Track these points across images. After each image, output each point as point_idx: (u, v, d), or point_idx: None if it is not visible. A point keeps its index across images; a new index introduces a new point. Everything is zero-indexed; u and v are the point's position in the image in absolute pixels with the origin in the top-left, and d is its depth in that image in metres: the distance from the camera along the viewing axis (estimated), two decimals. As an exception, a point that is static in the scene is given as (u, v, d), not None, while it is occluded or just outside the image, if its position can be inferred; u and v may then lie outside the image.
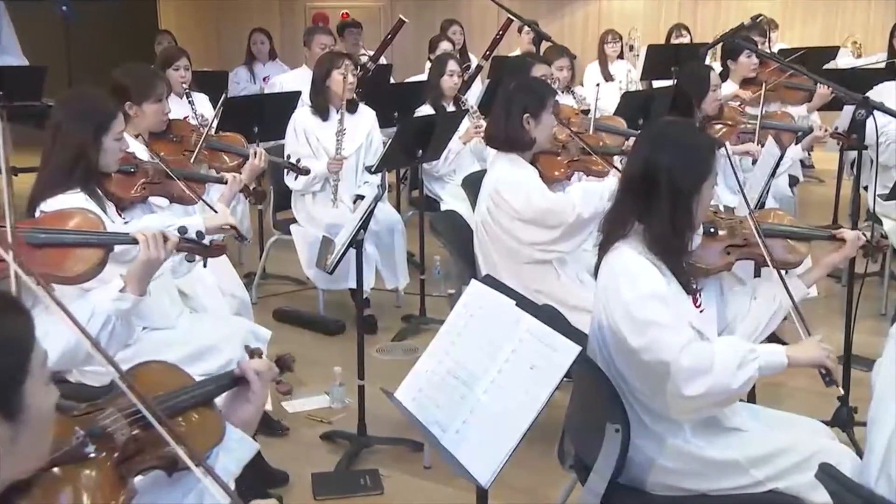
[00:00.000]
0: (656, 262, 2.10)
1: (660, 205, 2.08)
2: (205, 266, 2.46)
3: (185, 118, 4.17)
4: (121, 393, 1.49)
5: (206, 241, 2.36)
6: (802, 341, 2.16)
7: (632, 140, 3.61)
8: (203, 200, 2.95)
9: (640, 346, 2.02)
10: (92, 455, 1.43)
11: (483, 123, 4.69)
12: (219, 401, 1.78)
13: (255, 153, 3.45)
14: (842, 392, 2.09)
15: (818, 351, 2.10)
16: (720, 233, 2.39)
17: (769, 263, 2.31)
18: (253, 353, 1.90)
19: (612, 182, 3.17)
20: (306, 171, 3.96)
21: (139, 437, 1.50)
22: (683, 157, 2.10)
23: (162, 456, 1.51)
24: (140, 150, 3.09)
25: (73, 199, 2.47)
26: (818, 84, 4.64)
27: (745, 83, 4.80)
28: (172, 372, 1.74)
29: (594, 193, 3.08)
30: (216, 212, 2.85)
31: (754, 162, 3.85)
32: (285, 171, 4.11)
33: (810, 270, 2.46)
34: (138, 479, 1.55)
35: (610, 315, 2.10)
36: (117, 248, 2.27)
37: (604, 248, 2.19)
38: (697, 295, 2.22)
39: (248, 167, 3.40)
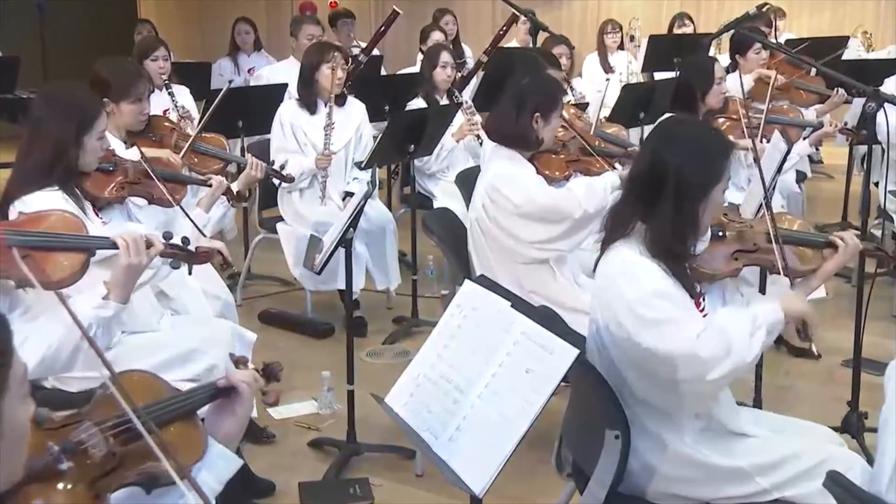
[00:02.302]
0: (656, 263, 2.04)
1: (664, 205, 2.02)
2: (189, 273, 2.43)
3: (165, 112, 4.10)
4: (99, 403, 1.47)
5: (191, 247, 2.34)
6: (787, 292, 2.18)
7: (632, 150, 3.57)
8: (180, 207, 2.88)
9: (652, 343, 1.97)
10: (66, 472, 1.38)
11: (477, 119, 4.64)
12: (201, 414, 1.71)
13: (252, 164, 3.45)
14: (816, 352, 2.08)
15: (805, 303, 2.12)
16: (728, 236, 2.29)
17: (781, 272, 2.22)
18: (238, 361, 1.85)
19: (611, 176, 3.11)
20: (290, 179, 3.89)
21: (117, 452, 1.46)
22: (694, 157, 2.04)
23: (142, 472, 1.47)
24: (119, 147, 3.04)
25: (51, 198, 2.41)
26: (836, 90, 4.55)
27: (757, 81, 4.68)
28: (152, 382, 1.70)
29: (598, 188, 3.04)
30: (195, 223, 2.82)
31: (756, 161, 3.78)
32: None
33: (806, 280, 2.31)
34: (113, 495, 1.49)
35: (612, 317, 2.04)
36: (101, 251, 2.23)
37: (605, 245, 2.13)
38: (701, 299, 2.15)
39: (243, 177, 3.44)
